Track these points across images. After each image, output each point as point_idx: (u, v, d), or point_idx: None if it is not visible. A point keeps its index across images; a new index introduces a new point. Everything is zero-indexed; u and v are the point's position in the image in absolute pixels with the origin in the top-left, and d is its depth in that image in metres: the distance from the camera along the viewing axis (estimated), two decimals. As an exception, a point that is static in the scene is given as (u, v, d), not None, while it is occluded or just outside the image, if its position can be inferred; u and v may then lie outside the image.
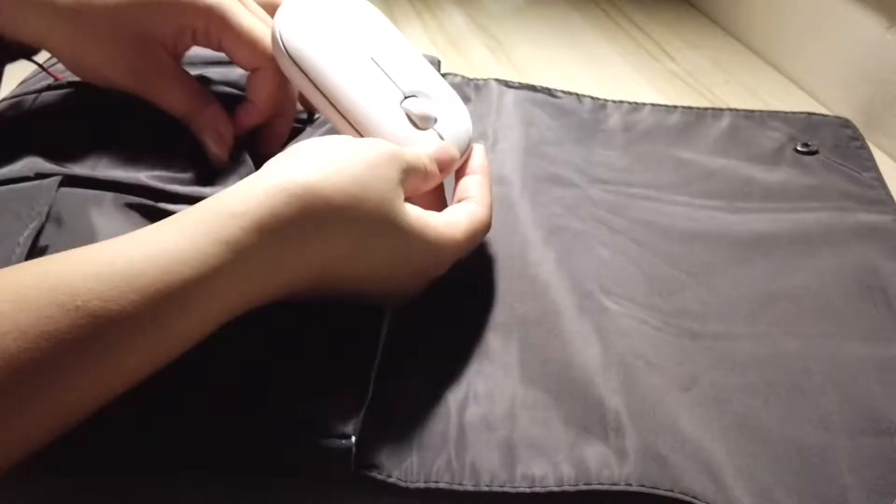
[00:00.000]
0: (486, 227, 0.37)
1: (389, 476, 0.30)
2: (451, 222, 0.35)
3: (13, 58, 0.41)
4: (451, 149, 0.38)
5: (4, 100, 0.42)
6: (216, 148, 0.40)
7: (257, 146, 0.42)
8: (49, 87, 0.42)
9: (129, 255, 0.26)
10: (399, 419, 0.32)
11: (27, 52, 0.41)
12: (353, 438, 0.29)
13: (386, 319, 0.34)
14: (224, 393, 0.30)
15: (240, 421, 0.29)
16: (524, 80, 0.57)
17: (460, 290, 0.39)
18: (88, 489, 0.31)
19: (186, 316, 0.26)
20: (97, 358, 0.24)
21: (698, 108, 0.57)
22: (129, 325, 0.25)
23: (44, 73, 0.43)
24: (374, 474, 0.30)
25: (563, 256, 0.41)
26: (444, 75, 0.57)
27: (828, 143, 0.53)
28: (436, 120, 0.38)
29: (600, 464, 0.31)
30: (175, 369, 0.28)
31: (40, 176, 0.34)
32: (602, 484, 0.30)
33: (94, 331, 0.24)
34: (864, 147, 0.53)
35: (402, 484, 0.30)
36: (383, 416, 0.32)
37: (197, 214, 0.28)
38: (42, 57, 0.41)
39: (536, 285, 0.39)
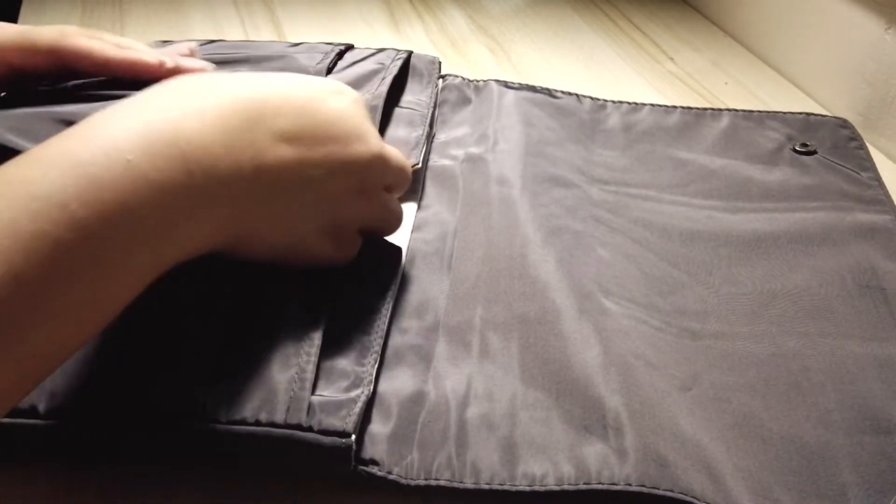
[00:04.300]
0: None
1: (390, 473, 0.30)
2: None
3: None
4: None
5: None
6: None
7: None
8: None
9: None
10: (399, 418, 0.32)
11: None
12: (353, 437, 0.29)
13: (387, 316, 0.34)
14: (220, 389, 0.30)
15: (234, 420, 0.29)
16: (524, 81, 0.57)
17: (460, 289, 0.39)
18: (89, 486, 0.31)
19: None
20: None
21: (697, 109, 0.57)
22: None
23: None
24: (374, 471, 0.30)
25: (563, 257, 0.41)
26: (444, 76, 0.57)
27: (826, 144, 0.53)
28: None
29: (600, 464, 0.31)
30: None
31: None
32: (602, 484, 0.30)
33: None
34: (863, 147, 0.53)
35: (403, 481, 0.30)
36: (383, 414, 0.32)
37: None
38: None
39: (536, 285, 0.39)
